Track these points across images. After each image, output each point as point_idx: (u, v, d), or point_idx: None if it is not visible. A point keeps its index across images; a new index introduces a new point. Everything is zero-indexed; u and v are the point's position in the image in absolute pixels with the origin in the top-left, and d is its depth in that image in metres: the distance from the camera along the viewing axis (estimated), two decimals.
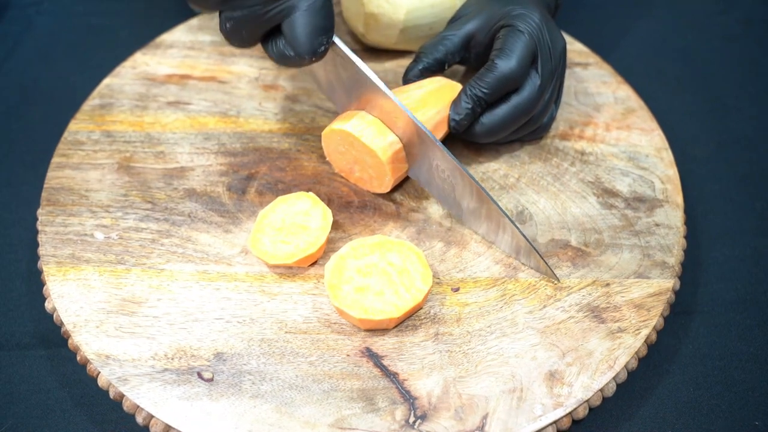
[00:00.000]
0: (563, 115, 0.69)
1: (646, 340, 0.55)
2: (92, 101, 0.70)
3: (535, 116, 0.63)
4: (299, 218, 0.59)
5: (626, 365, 0.53)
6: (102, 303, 0.56)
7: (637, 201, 0.63)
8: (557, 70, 0.63)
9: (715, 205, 0.70)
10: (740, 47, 0.85)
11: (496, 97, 0.61)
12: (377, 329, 0.55)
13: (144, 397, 0.51)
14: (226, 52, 0.75)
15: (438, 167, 0.59)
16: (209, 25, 0.77)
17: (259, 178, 0.65)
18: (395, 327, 0.55)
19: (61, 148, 0.66)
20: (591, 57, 0.74)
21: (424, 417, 0.51)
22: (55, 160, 0.65)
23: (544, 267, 0.57)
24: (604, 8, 0.89)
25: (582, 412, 0.52)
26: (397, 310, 0.54)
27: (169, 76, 0.72)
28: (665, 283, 0.58)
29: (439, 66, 0.64)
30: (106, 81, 0.72)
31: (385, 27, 0.70)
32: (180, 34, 0.76)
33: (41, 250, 0.59)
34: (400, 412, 0.51)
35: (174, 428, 0.51)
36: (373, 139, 0.59)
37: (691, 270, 0.64)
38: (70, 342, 0.55)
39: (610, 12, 0.89)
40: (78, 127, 0.68)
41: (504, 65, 0.60)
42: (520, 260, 0.59)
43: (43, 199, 0.62)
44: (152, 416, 0.51)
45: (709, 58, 0.84)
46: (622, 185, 0.64)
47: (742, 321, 0.62)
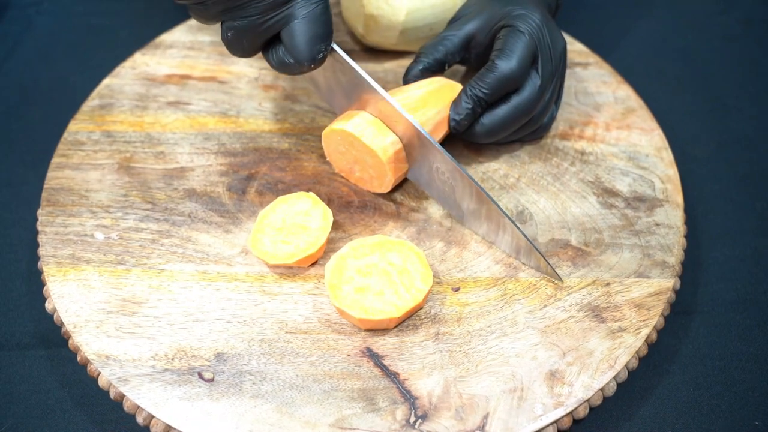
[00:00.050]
0: (563, 114, 0.69)
1: (646, 340, 0.55)
2: (92, 101, 0.70)
3: (536, 116, 0.63)
4: (299, 218, 0.59)
5: (627, 365, 0.53)
6: (102, 303, 0.56)
7: (637, 200, 0.63)
8: (557, 70, 0.63)
9: (715, 205, 0.70)
10: (740, 47, 0.85)
11: (497, 97, 0.60)
12: (378, 329, 0.55)
13: (144, 397, 0.51)
14: (225, 53, 0.74)
15: (438, 169, 0.59)
16: (209, 26, 0.77)
17: (259, 178, 0.64)
18: (396, 327, 0.55)
19: (61, 148, 0.66)
20: (591, 57, 0.74)
21: (424, 417, 0.51)
22: (55, 160, 0.65)
23: (546, 267, 0.57)
24: (604, 8, 0.89)
25: (582, 412, 0.52)
26: (397, 310, 0.54)
27: (169, 77, 0.72)
28: (665, 282, 0.58)
29: (439, 66, 0.64)
30: (106, 81, 0.72)
31: (385, 28, 0.70)
32: (180, 34, 0.76)
33: (41, 251, 0.59)
34: (401, 411, 0.51)
35: (174, 428, 0.51)
36: (373, 138, 0.59)
37: (691, 270, 0.64)
38: (71, 342, 0.55)
39: (610, 12, 0.89)
40: (78, 127, 0.68)
41: (504, 65, 0.60)
42: (521, 260, 0.59)
43: (43, 200, 0.62)
44: (153, 416, 0.51)
45: (709, 58, 0.84)
46: (622, 185, 0.64)
47: (742, 321, 0.62)
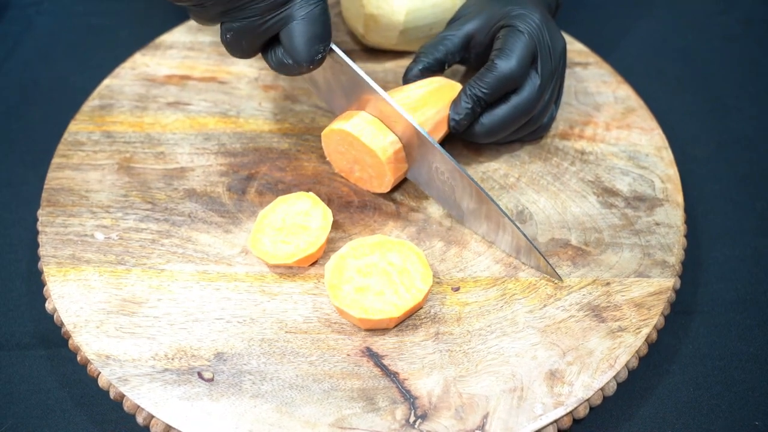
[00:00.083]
0: (563, 114, 0.69)
1: (646, 339, 0.55)
2: (92, 102, 0.70)
3: (535, 116, 0.63)
4: (299, 218, 0.59)
5: (627, 364, 0.53)
6: (102, 303, 0.56)
7: (637, 200, 0.63)
8: (557, 70, 0.63)
9: (715, 205, 0.70)
10: (740, 47, 0.85)
11: (496, 97, 0.60)
12: (377, 329, 0.55)
13: (144, 397, 0.51)
14: (225, 53, 0.74)
15: (437, 169, 0.59)
16: (208, 27, 0.77)
17: (259, 178, 0.65)
18: (395, 327, 0.55)
19: (61, 148, 0.66)
20: (591, 57, 0.74)
21: (424, 416, 0.51)
22: (55, 160, 0.65)
23: (545, 266, 0.57)
24: (604, 8, 0.89)
25: (582, 412, 0.52)
26: (397, 309, 0.54)
27: (169, 77, 0.72)
28: (666, 282, 0.58)
29: (439, 66, 0.64)
30: (106, 82, 0.72)
31: (385, 28, 0.70)
32: (180, 34, 0.76)
33: (41, 251, 0.59)
34: (401, 411, 0.51)
35: (174, 428, 0.51)
36: (372, 138, 0.59)
37: (691, 270, 0.64)
38: (71, 342, 0.55)
39: (610, 12, 0.89)
40: (78, 127, 0.68)
41: (504, 65, 0.60)
42: (521, 260, 0.59)
43: (43, 200, 0.62)
44: (152, 416, 0.51)
45: (709, 58, 0.84)
46: (622, 184, 0.64)
47: (742, 321, 0.62)
